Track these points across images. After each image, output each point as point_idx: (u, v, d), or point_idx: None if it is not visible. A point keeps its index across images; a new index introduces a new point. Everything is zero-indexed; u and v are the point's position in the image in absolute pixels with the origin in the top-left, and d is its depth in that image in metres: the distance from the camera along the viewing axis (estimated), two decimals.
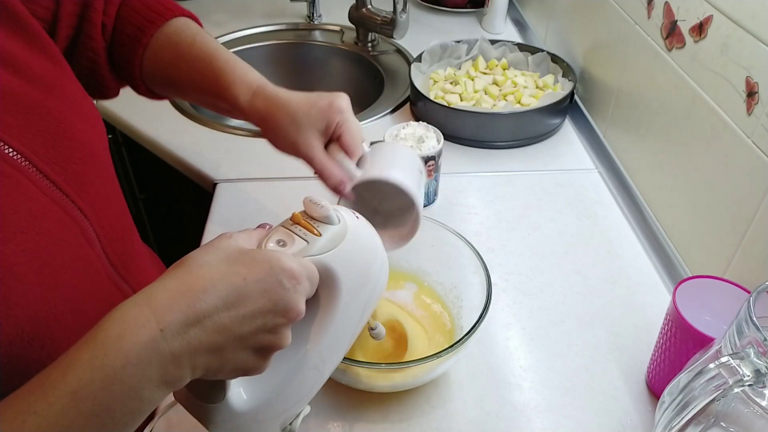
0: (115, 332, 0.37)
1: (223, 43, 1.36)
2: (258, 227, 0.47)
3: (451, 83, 1.13)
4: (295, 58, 1.41)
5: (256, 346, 0.42)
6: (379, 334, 0.65)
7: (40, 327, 0.45)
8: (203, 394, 0.46)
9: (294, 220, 0.47)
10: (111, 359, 0.36)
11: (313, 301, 0.46)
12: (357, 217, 0.50)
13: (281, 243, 0.45)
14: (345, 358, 0.58)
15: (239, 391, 0.47)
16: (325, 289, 0.47)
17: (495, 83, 1.13)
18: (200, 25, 0.75)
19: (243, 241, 0.43)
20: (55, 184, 0.50)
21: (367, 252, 0.50)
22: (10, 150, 0.47)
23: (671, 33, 0.81)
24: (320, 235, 0.46)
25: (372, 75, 1.31)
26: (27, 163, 0.48)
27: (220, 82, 0.68)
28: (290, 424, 0.53)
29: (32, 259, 0.46)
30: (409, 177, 0.63)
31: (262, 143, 1.05)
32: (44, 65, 0.55)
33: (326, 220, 0.46)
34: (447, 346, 0.60)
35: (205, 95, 0.70)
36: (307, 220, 0.46)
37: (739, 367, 0.44)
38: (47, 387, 0.36)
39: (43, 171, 0.50)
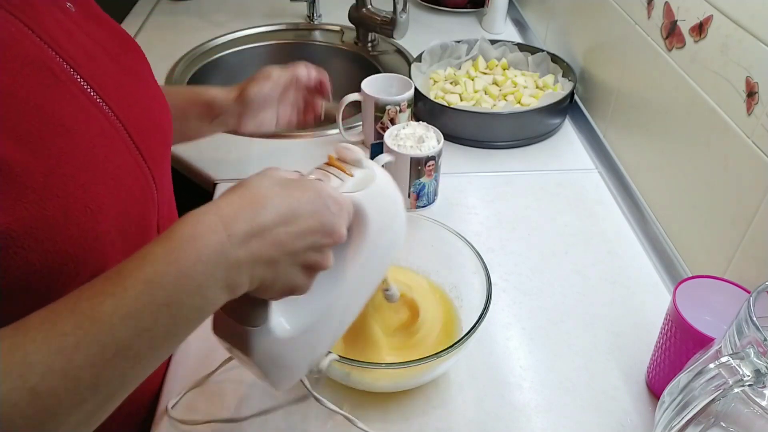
0: (188, 233, 0.41)
1: (223, 43, 1.36)
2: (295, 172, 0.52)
3: (451, 83, 1.13)
4: (295, 58, 1.38)
5: (304, 263, 0.46)
6: (393, 296, 0.67)
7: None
8: (246, 317, 0.49)
9: (329, 161, 0.52)
10: (184, 255, 0.40)
11: (344, 244, 0.50)
12: (383, 167, 0.55)
13: (319, 181, 0.49)
14: (345, 358, 0.59)
15: (280, 320, 0.50)
16: (355, 225, 0.51)
17: (495, 83, 1.13)
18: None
19: (288, 174, 0.48)
20: (139, 150, 0.57)
21: (391, 199, 0.55)
22: (110, 112, 0.54)
23: (671, 33, 0.81)
24: (352, 175, 0.51)
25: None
26: (125, 132, 0.55)
27: (199, 96, 0.83)
28: (318, 363, 0.57)
29: (113, 203, 0.51)
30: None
31: (262, 143, 1.06)
32: (133, 62, 0.64)
33: (357, 164, 0.52)
34: (447, 346, 0.60)
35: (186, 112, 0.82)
36: (340, 163, 0.52)
37: (739, 367, 0.44)
38: (124, 274, 0.39)
39: (133, 138, 0.56)
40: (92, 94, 0.53)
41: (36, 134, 0.46)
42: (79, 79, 0.52)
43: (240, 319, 0.49)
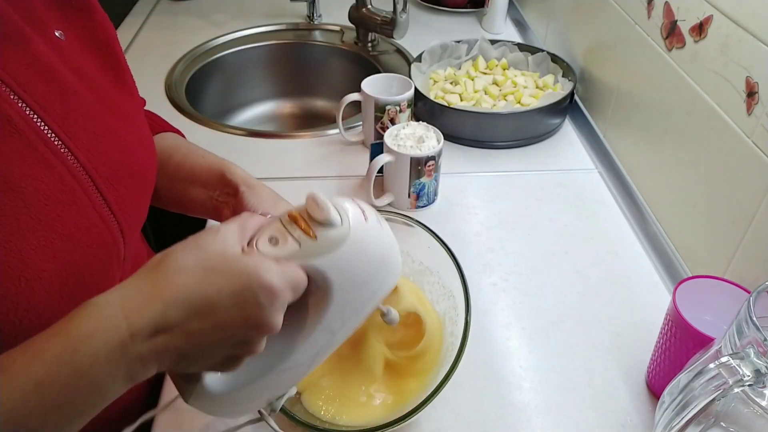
0: (86, 329, 0.38)
1: (223, 43, 1.36)
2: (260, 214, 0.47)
3: (451, 83, 1.13)
4: (295, 58, 1.41)
5: (224, 354, 0.42)
6: (392, 320, 0.60)
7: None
8: (180, 376, 0.47)
9: (291, 218, 0.44)
10: (80, 356, 0.37)
11: (303, 299, 0.45)
12: (366, 218, 0.46)
13: (273, 241, 0.43)
14: (294, 417, 0.55)
15: (217, 376, 0.47)
16: (316, 290, 0.45)
17: (495, 83, 1.13)
18: (183, 136, 0.78)
19: (231, 239, 0.42)
20: (107, 203, 0.52)
21: (370, 257, 0.47)
22: (75, 162, 0.50)
23: (671, 33, 0.81)
24: (316, 238, 0.43)
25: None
26: (90, 182, 0.51)
27: (223, 173, 0.68)
28: (275, 401, 0.52)
29: (59, 268, 0.47)
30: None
31: (262, 143, 1.06)
32: (122, 97, 0.59)
33: (325, 223, 0.43)
34: (425, 397, 0.57)
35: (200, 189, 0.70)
36: (306, 220, 0.44)
37: (739, 367, 0.44)
38: (12, 373, 0.37)
39: (100, 189, 0.52)
40: (56, 143, 0.48)
41: None
42: (42, 127, 0.47)
43: (177, 375, 0.47)
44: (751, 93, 0.66)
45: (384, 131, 0.91)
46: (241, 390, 0.48)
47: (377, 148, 0.90)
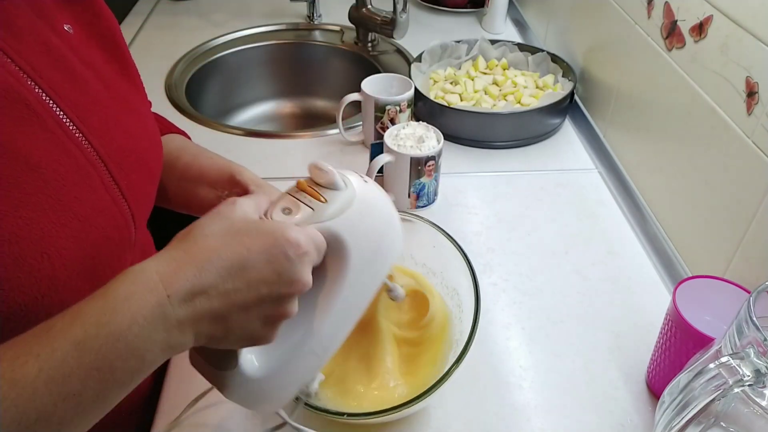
0: (124, 292, 0.38)
1: (223, 43, 1.36)
2: None
3: (451, 83, 1.13)
4: (295, 58, 1.41)
5: (261, 315, 0.42)
6: (398, 296, 0.62)
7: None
8: (216, 361, 0.47)
9: (299, 187, 0.46)
10: (118, 317, 0.37)
11: (321, 269, 0.46)
12: (365, 181, 0.48)
13: (287, 211, 0.45)
14: (332, 412, 0.56)
15: (251, 358, 0.47)
16: (333, 256, 0.46)
17: (495, 83, 1.13)
18: (189, 138, 0.79)
19: (249, 209, 0.44)
20: (119, 187, 0.54)
21: (378, 217, 0.49)
22: (89, 147, 0.51)
23: (671, 33, 0.81)
24: (326, 201, 0.45)
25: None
26: (103, 167, 0.52)
27: (232, 174, 0.69)
28: (307, 387, 0.54)
29: (78, 246, 0.48)
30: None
31: (262, 143, 1.06)
32: (129, 91, 0.61)
33: (332, 186, 0.45)
34: (431, 384, 0.58)
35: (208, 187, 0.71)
36: (313, 187, 0.46)
37: (739, 367, 0.44)
38: (53, 333, 0.37)
39: (112, 173, 0.53)
40: (71, 127, 0.50)
41: None
42: (57, 112, 0.49)
43: (210, 362, 0.47)
44: (751, 93, 0.66)
45: (384, 131, 0.91)
46: (276, 375, 0.48)
47: (377, 148, 0.90)
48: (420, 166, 0.87)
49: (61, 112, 0.49)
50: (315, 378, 0.54)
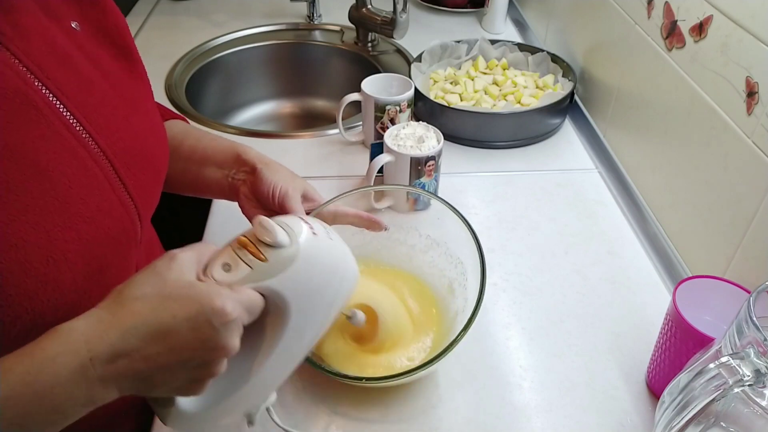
0: (51, 353, 0.40)
1: (223, 43, 1.36)
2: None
3: (451, 83, 1.13)
4: (295, 58, 1.41)
5: (186, 375, 0.43)
6: (358, 322, 0.63)
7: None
8: (153, 400, 0.48)
9: (241, 243, 0.45)
10: (43, 378, 0.39)
11: (260, 321, 0.46)
12: (314, 234, 0.48)
13: (226, 267, 0.45)
14: (327, 371, 0.57)
15: (187, 401, 0.48)
16: (273, 311, 0.47)
17: (495, 83, 1.13)
18: (188, 122, 0.80)
19: (186, 266, 0.44)
20: (125, 187, 0.54)
21: (322, 271, 0.48)
22: (95, 146, 0.51)
23: (671, 33, 0.81)
24: (266, 260, 0.45)
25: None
26: (110, 167, 0.53)
27: (238, 154, 0.70)
28: (253, 412, 0.53)
29: (83, 249, 0.48)
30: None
31: (262, 143, 1.06)
32: (135, 88, 0.61)
33: (274, 244, 0.45)
34: (429, 359, 0.59)
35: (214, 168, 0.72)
36: (256, 244, 0.45)
37: (739, 367, 0.44)
38: None
39: (119, 173, 0.53)
40: (77, 127, 0.50)
41: (2, 179, 0.44)
42: (64, 112, 0.49)
43: (150, 400, 0.48)
44: (751, 93, 0.66)
45: (384, 131, 0.91)
46: (214, 408, 0.49)
47: (377, 148, 0.90)
48: (420, 166, 0.87)
49: (68, 113, 0.50)
50: (261, 404, 0.53)
